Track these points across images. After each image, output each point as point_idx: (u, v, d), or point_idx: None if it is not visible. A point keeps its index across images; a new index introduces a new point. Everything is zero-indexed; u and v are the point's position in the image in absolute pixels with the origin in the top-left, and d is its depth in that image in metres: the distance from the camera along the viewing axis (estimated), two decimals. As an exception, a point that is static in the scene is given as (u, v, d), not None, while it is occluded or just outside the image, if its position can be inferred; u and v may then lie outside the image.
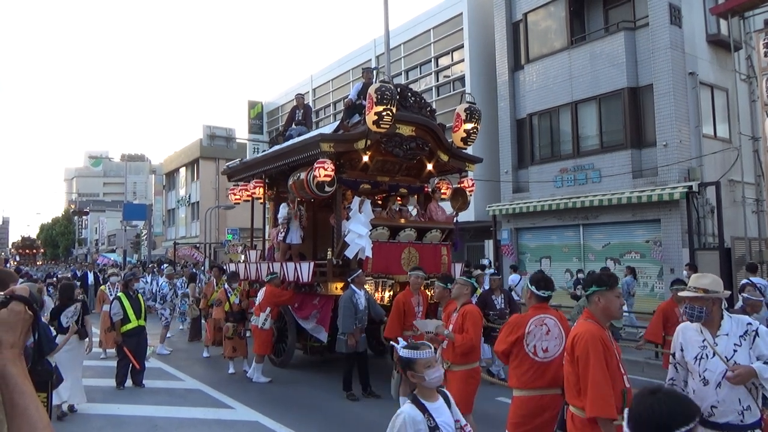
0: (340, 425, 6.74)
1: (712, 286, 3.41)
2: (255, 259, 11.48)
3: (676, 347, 3.54)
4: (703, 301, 3.37)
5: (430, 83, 21.43)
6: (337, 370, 8.56)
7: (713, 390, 3.27)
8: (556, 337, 4.19)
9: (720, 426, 3.25)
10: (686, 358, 3.43)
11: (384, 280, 8.87)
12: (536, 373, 4.15)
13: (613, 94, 15.19)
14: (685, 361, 3.45)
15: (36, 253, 69.38)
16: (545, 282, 4.38)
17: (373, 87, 8.24)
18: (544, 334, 4.19)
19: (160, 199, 48.24)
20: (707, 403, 3.27)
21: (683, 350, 3.47)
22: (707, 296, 3.37)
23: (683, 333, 3.53)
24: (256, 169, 11.09)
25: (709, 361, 3.32)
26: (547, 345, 4.18)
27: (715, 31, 15.35)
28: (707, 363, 3.32)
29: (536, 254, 17.25)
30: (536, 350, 4.17)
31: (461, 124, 9.42)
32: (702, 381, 3.31)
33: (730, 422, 3.24)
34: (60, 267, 38.72)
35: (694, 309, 3.38)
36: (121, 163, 69.77)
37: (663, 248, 13.97)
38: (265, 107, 32.43)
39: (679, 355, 3.51)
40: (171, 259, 32.50)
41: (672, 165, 13.88)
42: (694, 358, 3.38)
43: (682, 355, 3.48)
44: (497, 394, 7.59)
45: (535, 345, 4.18)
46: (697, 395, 3.30)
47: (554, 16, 16.97)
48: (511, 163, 18.01)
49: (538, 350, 4.17)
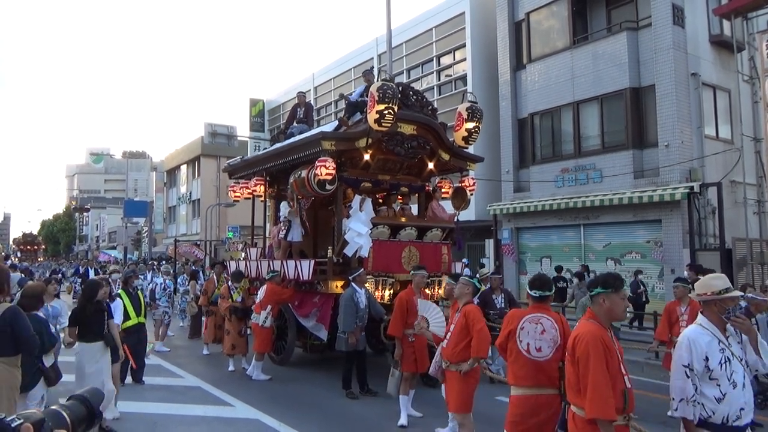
0: (340, 423, 6.75)
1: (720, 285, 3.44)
2: (256, 257, 11.48)
3: (698, 358, 3.29)
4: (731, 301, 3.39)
5: (432, 82, 21.43)
6: (336, 369, 8.57)
7: (741, 392, 3.25)
8: (551, 338, 4.18)
9: (741, 429, 3.24)
10: (711, 366, 3.27)
11: (384, 278, 8.86)
12: (530, 371, 4.15)
13: (615, 95, 15.17)
14: (710, 369, 3.27)
15: (37, 250, 69.46)
16: (540, 282, 4.38)
17: (374, 86, 8.24)
18: (538, 333, 4.19)
19: (161, 197, 48.28)
20: (737, 406, 3.23)
21: (708, 359, 3.27)
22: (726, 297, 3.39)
23: (701, 341, 3.33)
24: (257, 166, 11.09)
25: (732, 364, 3.28)
26: (541, 345, 4.17)
27: (718, 31, 15.33)
28: (732, 366, 3.27)
29: (537, 254, 17.25)
30: (529, 348, 4.18)
31: (463, 123, 9.41)
32: (732, 384, 3.24)
33: (747, 423, 3.27)
34: (63, 263, 38.76)
35: (741, 308, 3.41)
36: (123, 160, 69.85)
37: (664, 249, 13.96)
38: (266, 105, 32.43)
39: (701, 366, 3.28)
40: (170, 256, 32.51)
41: (673, 165, 13.87)
42: (719, 364, 3.28)
43: (707, 365, 3.27)
44: (496, 393, 7.59)
45: (528, 343, 4.19)
46: (727, 401, 3.23)
47: (557, 16, 16.95)
48: (512, 162, 18.00)
49: (531, 349, 4.18)
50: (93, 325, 6.02)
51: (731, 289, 3.39)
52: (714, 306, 3.39)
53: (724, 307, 3.36)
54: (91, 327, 6.01)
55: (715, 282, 3.45)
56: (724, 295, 3.35)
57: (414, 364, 6.81)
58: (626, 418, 3.31)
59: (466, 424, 5.31)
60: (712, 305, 3.40)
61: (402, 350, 6.80)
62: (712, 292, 3.40)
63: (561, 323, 4.28)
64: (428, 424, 6.42)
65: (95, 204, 78.20)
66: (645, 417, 5.21)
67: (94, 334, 6.00)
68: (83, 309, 6.03)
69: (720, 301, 3.36)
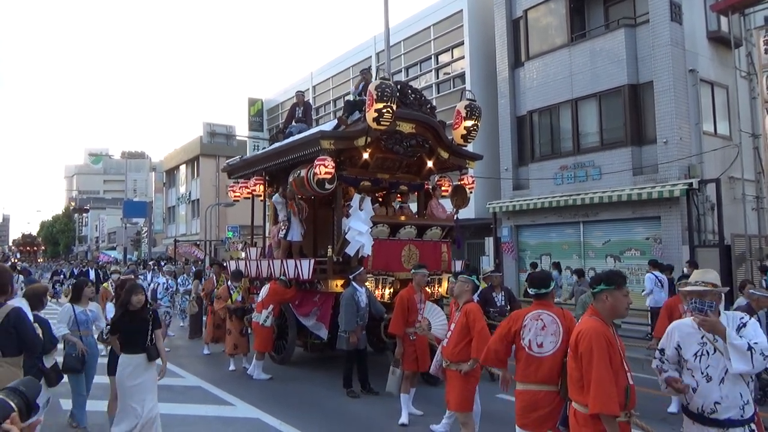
0: (341, 422, 6.75)
1: (718, 281, 3.48)
2: (255, 257, 11.49)
3: (669, 345, 3.50)
4: (712, 295, 3.40)
5: (431, 80, 21.41)
6: (337, 368, 8.57)
7: (717, 386, 3.28)
8: (552, 333, 4.22)
9: (721, 422, 3.26)
10: (685, 356, 3.41)
11: (384, 277, 8.87)
12: (530, 368, 4.21)
13: (614, 91, 15.17)
14: (684, 359, 3.42)
15: (37, 251, 69.48)
16: (538, 280, 4.47)
17: (373, 84, 8.24)
18: (539, 329, 4.24)
19: (160, 197, 48.27)
20: (711, 399, 3.28)
21: (680, 348, 3.44)
22: (715, 290, 3.41)
23: (679, 330, 3.51)
24: (256, 166, 11.09)
25: (711, 358, 3.33)
26: (542, 340, 4.22)
27: (716, 27, 15.32)
28: (709, 359, 3.33)
29: (536, 251, 17.25)
30: (531, 344, 4.24)
31: (461, 121, 9.41)
32: (705, 377, 3.31)
33: (731, 417, 3.26)
34: (63, 264, 38.71)
35: (704, 303, 3.39)
36: (122, 160, 69.74)
37: (663, 245, 13.97)
38: (265, 104, 32.41)
39: (672, 353, 3.48)
40: (170, 256, 32.51)
41: (672, 162, 13.88)
42: (693, 355, 3.37)
43: (678, 353, 3.45)
44: (498, 391, 7.57)
45: (530, 339, 4.26)
46: (699, 392, 3.31)
47: (555, 13, 16.94)
48: (511, 160, 18.00)
49: (533, 344, 4.24)
50: (134, 335, 5.37)
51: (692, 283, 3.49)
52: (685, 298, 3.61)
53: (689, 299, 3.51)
54: (131, 337, 5.38)
55: (692, 278, 3.58)
56: (684, 288, 3.58)
57: (415, 363, 6.82)
58: (627, 415, 3.32)
59: (468, 423, 5.33)
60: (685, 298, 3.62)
61: (403, 349, 6.81)
62: (685, 288, 3.58)
63: (564, 318, 4.31)
64: (429, 423, 6.42)
65: (94, 205, 78.21)
66: (645, 413, 5.21)
67: (135, 346, 5.35)
68: (121, 317, 5.46)
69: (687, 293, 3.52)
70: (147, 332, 5.37)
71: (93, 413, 6.52)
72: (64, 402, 7.49)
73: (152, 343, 5.40)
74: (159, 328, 5.56)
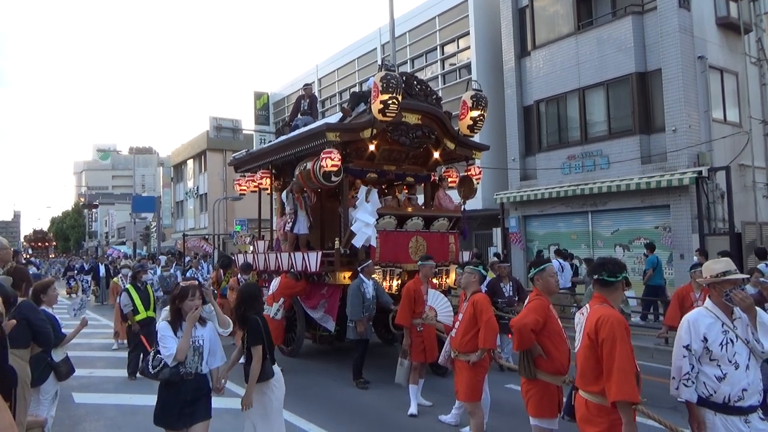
0: (350, 413, 6.78)
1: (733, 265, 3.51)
2: (263, 250, 11.51)
3: (695, 339, 3.37)
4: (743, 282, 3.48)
5: (436, 71, 21.31)
6: (346, 359, 8.60)
7: (744, 373, 3.30)
8: None
9: (744, 410, 3.28)
10: (711, 347, 3.35)
11: (392, 268, 8.87)
12: None
13: (621, 80, 15.04)
14: (710, 350, 3.35)
15: (48, 246, 70.08)
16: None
17: (378, 75, 8.20)
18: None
19: (168, 192, 48.48)
20: (739, 387, 3.28)
21: (707, 340, 3.35)
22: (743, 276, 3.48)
23: (701, 322, 3.40)
24: (262, 159, 11.09)
25: (736, 345, 3.34)
26: None
27: (725, 13, 15.13)
28: (734, 347, 3.33)
29: (544, 242, 17.19)
30: None
31: (467, 111, 9.36)
32: (734, 365, 3.30)
33: (752, 404, 3.29)
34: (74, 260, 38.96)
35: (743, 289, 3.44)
36: (129, 156, 70.16)
37: (673, 234, 13.88)
38: (271, 98, 32.39)
39: (700, 346, 3.36)
40: (179, 250, 32.66)
41: (681, 150, 13.76)
42: (719, 345, 3.35)
43: (705, 345, 3.35)
44: (507, 381, 7.60)
45: None
46: (728, 381, 3.29)
47: (561, 2, 16.79)
48: (518, 150, 17.92)
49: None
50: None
51: (731, 272, 3.43)
52: (714, 289, 3.47)
53: (722, 289, 3.42)
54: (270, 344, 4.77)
55: (714, 266, 3.52)
56: (721, 278, 3.42)
57: (423, 354, 6.83)
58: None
59: (476, 413, 5.33)
60: (713, 289, 3.48)
61: (411, 340, 6.82)
62: (711, 276, 3.48)
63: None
64: (438, 413, 6.44)
65: (103, 200, 78.60)
66: (655, 402, 5.20)
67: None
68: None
69: (718, 284, 3.44)
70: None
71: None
72: (77, 395, 7.58)
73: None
74: (259, 344, 4.77)
